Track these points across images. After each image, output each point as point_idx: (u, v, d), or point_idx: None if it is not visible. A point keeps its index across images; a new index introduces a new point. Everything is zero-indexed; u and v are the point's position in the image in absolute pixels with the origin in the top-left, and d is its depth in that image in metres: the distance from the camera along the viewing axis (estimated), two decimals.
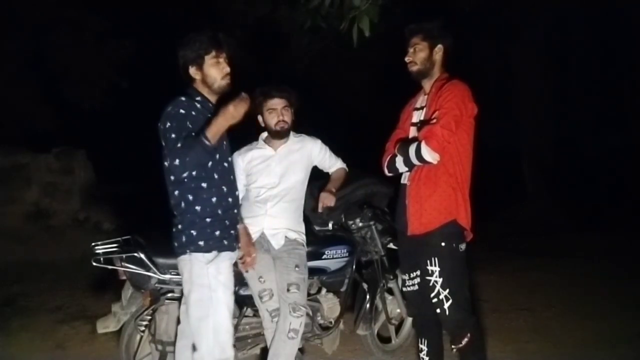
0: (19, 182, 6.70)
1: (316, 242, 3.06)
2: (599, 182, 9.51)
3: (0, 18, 7.06)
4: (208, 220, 2.34)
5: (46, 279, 5.33)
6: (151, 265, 2.66)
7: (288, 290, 2.71)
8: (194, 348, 2.38)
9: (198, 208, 2.33)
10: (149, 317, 2.77)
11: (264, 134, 3.02)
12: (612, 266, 5.50)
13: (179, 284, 2.70)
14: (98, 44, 7.87)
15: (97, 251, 2.71)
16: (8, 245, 5.96)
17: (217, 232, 2.36)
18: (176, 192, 2.35)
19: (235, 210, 2.49)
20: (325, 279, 3.14)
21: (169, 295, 2.73)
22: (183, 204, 2.34)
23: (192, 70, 2.39)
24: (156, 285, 2.70)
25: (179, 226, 2.36)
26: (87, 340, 3.81)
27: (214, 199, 2.36)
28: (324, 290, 3.18)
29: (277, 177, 2.89)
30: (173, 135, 2.23)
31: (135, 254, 2.66)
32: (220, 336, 2.34)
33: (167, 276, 2.69)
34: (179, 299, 2.72)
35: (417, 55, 2.62)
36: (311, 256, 2.95)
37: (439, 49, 2.62)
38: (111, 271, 2.76)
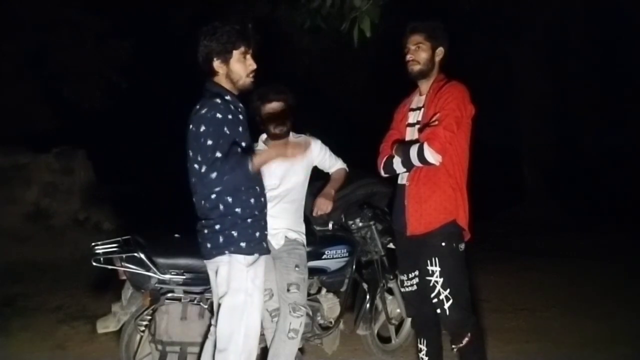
0: (19, 182, 6.69)
1: (316, 242, 3.05)
2: (599, 182, 9.51)
3: (0, 18, 7.06)
4: (249, 221, 2.26)
5: (46, 279, 5.34)
6: (151, 265, 2.66)
7: (288, 290, 2.71)
8: (215, 348, 2.31)
9: (238, 210, 2.24)
10: (149, 317, 2.77)
11: (264, 136, 3.01)
12: (612, 266, 5.50)
13: (179, 284, 2.72)
14: (98, 44, 7.86)
15: (97, 251, 2.71)
16: (8, 245, 5.96)
17: (257, 234, 2.30)
18: (213, 196, 2.23)
19: (266, 210, 2.42)
20: (325, 279, 3.14)
21: (169, 295, 2.73)
22: (222, 207, 2.23)
23: (217, 64, 2.27)
24: (156, 285, 2.70)
25: (216, 227, 2.24)
26: (87, 340, 3.81)
27: (252, 200, 2.28)
28: (324, 290, 3.18)
29: (277, 178, 2.89)
30: (210, 142, 2.13)
31: (135, 254, 2.66)
32: (250, 341, 2.29)
33: (167, 276, 2.69)
34: (179, 299, 2.72)
35: (420, 54, 2.59)
36: (311, 256, 2.95)
37: (440, 51, 2.62)
38: (111, 271, 2.76)
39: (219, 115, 2.17)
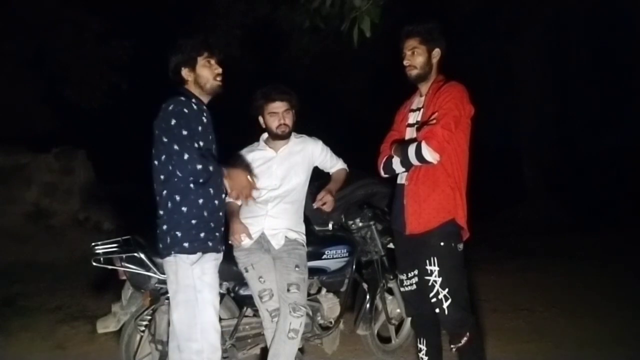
0: (19, 182, 6.69)
1: (316, 242, 3.06)
2: (599, 181, 9.51)
3: (0, 18, 7.05)
4: (193, 222, 2.35)
5: (46, 279, 5.33)
6: (151, 265, 2.66)
7: (288, 290, 2.71)
8: (179, 349, 2.38)
9: (184, 209, 2.34)
10: (149, 317, 2.77)
11: (265, 135, 3.02)
12: (612, 266, 5.51)
13: None
14: (98, 44, 7.86)
15: (97, 251, 2.71)
16: (8, 245, 5.96)
17: (202, 234, 2.37)
18: (164, 192, 2.35)
19: (221, 213, 2.50)
20: (325, 279, 3.14)
21: (169, 295, 2.72)
22: (170, 204, 2.34)
23: (185, 72, 2.45)
24: (156, 285, 2.70)
25: (164, 227, 2.36)
26: (87, 340, 3.82)
27: (200, 201, 2.36)
28: (324, 290, 3.19)
29: (278, 179, 2.89)
30: (185, 132, 2.25)
31: (135, 254, 2.66)
32: (209, 336, 2.36)
33: None
34: None
35: (416, 59, 2.61)
36: (311, 256, 2.95)
37: (436, 53, 2.63)
38: (111, 271, 2.77)
39: (185, 110, 2.31)
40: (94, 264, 2.70)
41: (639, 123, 9.24)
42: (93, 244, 2.76)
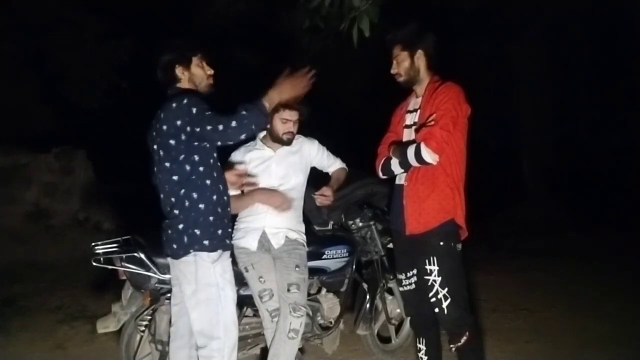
0: (19, 182, 6.69)
1: (316, 242, 3.06)
2: (599, 182, 9.51)
3: (0, 18, 7.05)
4: (211, 219, 2.35)
5: (46, 279, 5.33)
6: (151, 265, 2.66)
7: (288, 290, 2.71)
8: (197, 346, 2.39)
9: (202, 206, 2.33)
10: (149, 317, 2.78)
11: (262, 134, 3.01)
12: (613, 266, 5.51)
13: None
14: (98, 44, 7.85)
15: (97, 251, 2.71)
16: (8, 245, 5.96)
17: (220, 231, 2.38)
18: (182, 191, 2.32)
19: (229, 209, 2.50)
20: (325, 279, 3.15)
21: (169, 295, 2.72)
22: (187, 203, 2.33)
23: (179, 70, 2.44)
24: (156, 285, 2.70)
25: (180, 226, 2.33)
26: (87, 340, 3.82)
27: (214, 197, 2.37)
28: (324, 290, 3.19)
29: (277, 178, 2.90)
30: (208, 113, 2.23)
31: (135, 254, 2.66)
32: (231, 332, 2.38)
33: (167, 276, 2.68)
34: None
35: (400, 66, 2.64)
36: (311, 256, 2.96)
37: (419, 55, 2.62)
38: (111, 271, 2.77)
39: (195, 99, 2.29)
40: (94, 264, 2.69)
41: (639, 123, 9.24)
42: (93, 244, 2.75)
